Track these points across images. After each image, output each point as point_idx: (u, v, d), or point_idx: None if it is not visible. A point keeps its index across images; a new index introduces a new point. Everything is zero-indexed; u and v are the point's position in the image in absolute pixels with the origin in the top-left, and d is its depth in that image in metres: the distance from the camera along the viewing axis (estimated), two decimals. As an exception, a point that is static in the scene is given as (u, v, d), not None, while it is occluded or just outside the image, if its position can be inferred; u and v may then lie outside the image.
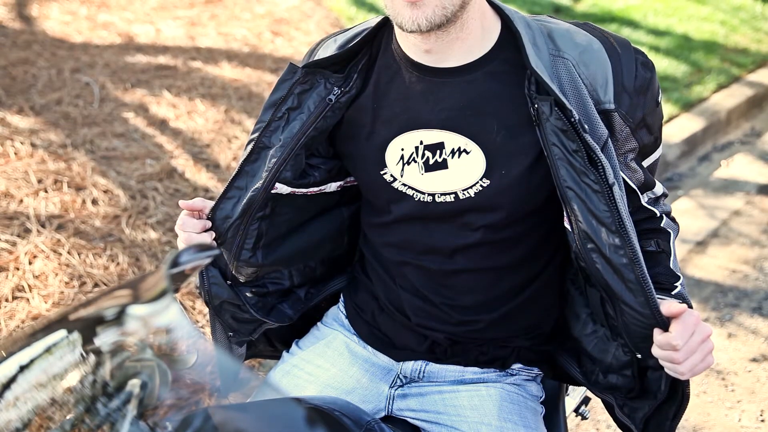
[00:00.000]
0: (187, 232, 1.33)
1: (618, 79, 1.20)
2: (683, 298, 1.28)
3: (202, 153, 3.58)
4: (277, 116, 1.31)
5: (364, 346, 1.47)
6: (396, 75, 1.30)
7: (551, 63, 1.20)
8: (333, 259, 1.54)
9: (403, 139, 1.29)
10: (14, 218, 2.91)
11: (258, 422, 0.99)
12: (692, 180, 4.30)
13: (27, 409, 0.81)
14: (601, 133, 1.19)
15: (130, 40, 4.83)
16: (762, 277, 3.37)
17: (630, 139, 1.24)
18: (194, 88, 4.20)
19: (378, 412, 1.42)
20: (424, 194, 1.30)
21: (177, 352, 0.86)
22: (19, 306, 2.54)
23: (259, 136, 1.32)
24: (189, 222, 1.34)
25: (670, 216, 1.37)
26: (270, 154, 1.31)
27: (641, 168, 1.29)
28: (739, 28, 6.34)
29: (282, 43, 5.00)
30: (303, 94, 1.30)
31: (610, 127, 1.21)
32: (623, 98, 1.21)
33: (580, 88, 1.20)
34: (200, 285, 1.41)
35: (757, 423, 2.54)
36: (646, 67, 1.24)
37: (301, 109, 1.30)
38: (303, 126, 1.30)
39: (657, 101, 1.26)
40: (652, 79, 1.24)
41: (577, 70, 1.20)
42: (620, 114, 1.21)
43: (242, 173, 1.33)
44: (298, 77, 1.30)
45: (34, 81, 4.10)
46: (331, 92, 1.30)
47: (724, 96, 5.12)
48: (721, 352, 2.89)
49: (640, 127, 1.24)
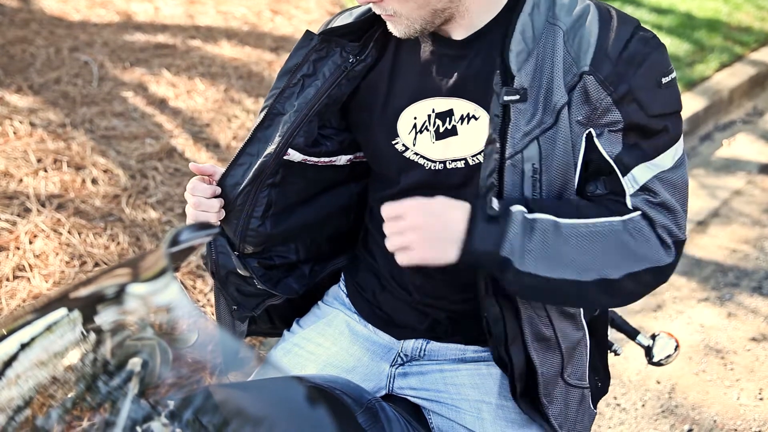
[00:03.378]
0: (197, 196, 1.32)
1: (602, 44, 1.17)
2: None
3: (201, 132, 3.57)
4: (292, 83, 1.31)
5: (364, 325, 1.47)
6: (414, 45, 1.31)
7: (543, 29, 1.19)
8: (338, 237, 1.54)
9: (415, 108, 1.30)
10: (14, 198, 2.91)
11: (259, 401, 0.99)
12: (694, 159, 4.29)
13: (28, 387, 0.82)
14: (556, 101, 1.16)
15: (128, 18, 4.79)
16: (762, 257, 3.37)
17: (611, 110, 1.17)
18: (193, 67, 4.17)
19: (379, 391, 1.43)
20: (435, 162, 1.30)
21: (178, 331, 0.86)
22: (20, 285, 2.54)
23: (273, 102, 1.32)
24: (199, 186, 1.33)
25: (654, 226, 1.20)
26: (283, 120, 1.31)
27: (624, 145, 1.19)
28: (742, 6, 6.29)
29: (281, 22, 4.96)
30: (318, 61, 1.31)
31: (585, 93, 1.17)
32: (604, 64, 1.16)
33: (559, 55, 1.17)
34: (207, 254, 1.41)
35: (756, 401, 2.56)
36: (646, 43, 1.19)
37: (316, 76, 1.31)
38: (318, 92, 1.30)
39: (657, 81, 1.19)
40: (651, 55, 1.18)
41: (565, 38, 1.18)
42: (597, 78, 1.16)
43: (254, 139, 1.33)
44: (314, 44, 1.31)
45: (33, 60, 4.07)
46: (347, 60, 1.31)
47: (726, 75, 5.09)
48: (721, 331, 2.90)
49: (628, 101, 1.17)
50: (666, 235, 1.20)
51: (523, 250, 1.14)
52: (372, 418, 1.27)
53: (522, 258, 1.14)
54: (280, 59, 4.36)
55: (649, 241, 1.19)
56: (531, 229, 1.15)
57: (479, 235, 1.14)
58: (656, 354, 1.84)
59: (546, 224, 1.15)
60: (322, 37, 1.30)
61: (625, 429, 2.46)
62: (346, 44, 1.31)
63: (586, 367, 1.39)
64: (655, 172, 1.20)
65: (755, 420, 2.48)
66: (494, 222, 1.14)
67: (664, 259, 1.20)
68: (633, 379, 2.65)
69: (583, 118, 1.18)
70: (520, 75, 1.17)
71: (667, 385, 2.63)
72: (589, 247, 1.16)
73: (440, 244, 1.14)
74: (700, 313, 3.00)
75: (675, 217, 1.21)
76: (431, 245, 1.14)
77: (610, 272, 1.17)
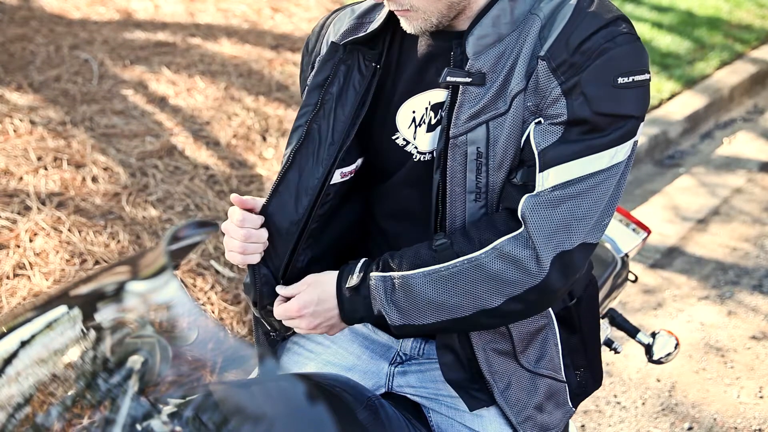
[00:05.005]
0: (246, 228, 1.24)
1: (565, 31, 1.13)
2: None
3: (201, 130, 3.57)
4: (326, 99, 1.27)
5: (363, 324, 1.47)
6: (414, 42, 1.30)
7: (523, 18, 1.18)
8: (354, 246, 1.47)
9: (414, 102, 1.29)
10: (14, 196, 2.91)
11: (259, 398, 0.99)
12: (694, 157, 4.29)
13: (28, 385, 0.82)
14: (512, 87, 1.15)
15: (128, 16, 4.79)
16: (762, 255, 3.37)
17: (559, 101, 1.12)
18: (194, 65, 4.17)
19: (378, 389, 1.43)
20: (425, 154, 1.29)
21: (177, 329, 0.86)
22: (21, 283, 2.54)
23: (311, 121, 1.27)
24: (249, 217, 1.25)
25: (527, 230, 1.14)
26: (325, 141, 1.27)
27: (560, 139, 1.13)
28: (743, 4, 6.28)
29: (282, 20, 4.96)
30: (348, 73, 1.28)
31: (536, 79, 1.14)
32: (559, 51, 1.13)
33: (528, 42, 1.15)
34: (250, 283, 1.33)
35: (756, 399, 2.56)
36: (612, 39, 1.11)
37: (347, 90, 1.28)
38: (353, 108, 1.27)
39: (612, 80, 1.11)
40: (613, 51, 1.11)
41: (542, 25, 1.16)
42: (549, 65, 1.13)
43: (294, 163, 1.27)
44: (340, 56, 1.28)
45: (33, 58, 4.07)
46: (370, 69, 1.29)
47: (727, 73, 5.09)
48: (721, 329, 2.90)
49: (576, 94, 1.11)
50: (546, 250, 1.13)
51: (390, 308, 1.21)
52: (372, 415, 1.27)
53: (394, 314, 1.21)
54: (281, 57, 4.36)
55: (522, 263, 1.14)
56: (392, 288, 1.21)
57: (348, 307, 1.24)
58: (656, 352, 1.84)
59: (404, 279, 1.20)
60: (348, 48, 1.28)
61: (626, 427, 2.46)
62: (366, 51, 1.28)
63: (557, 358, 1.35)
64: (574, 175, 1.13)
65: (755, 418, 2.48)
66: (355, 292, 1.23)
67: (541, 278, 1.14)
68: (633, 377, 2.65)
69: (533, 105, 1.15)
70: (478, 59, 1.16)
71: (668, 383, 2.63)
72: (454, 287, 1.17)
73: (324, 321, 1.27)
74: (700, 311, 3.00)
75: (568, 229, 1.14)
76: (317, 325, 1.27)
77: (487, 302, 1.16)
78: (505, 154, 1.17)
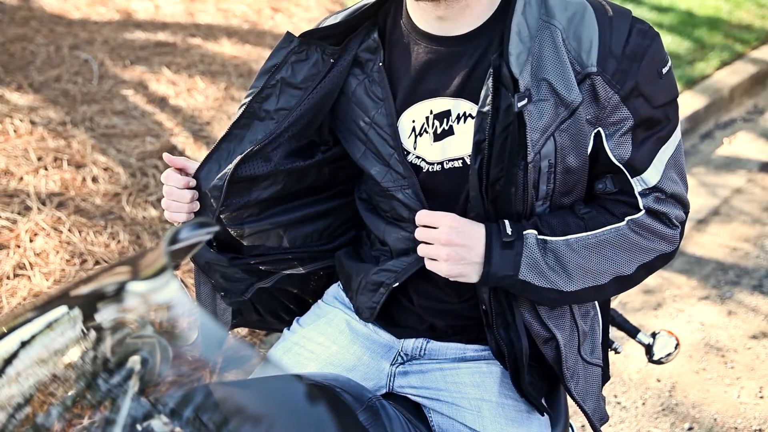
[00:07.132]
0: (170, 185, 1.34)
1: (604, 42, 1.18)
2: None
3: (202, 130, 3.57)
4: (270, 83, 1.32)
5: (365, 324, 1.47)
6: (406, 49, 1.30)
7: (537, 27, 1.19)
8: (326, 237, 1.52)
9: (413, 111, 1.29)
10: (14, 196, 2.91)
11: (259, 399, 0.99)
12: (694, 157, 4.29)
13: (29, 385, 0.82)
14: (572, 99, 1.17)
15: (128, 16, 4.79)
16: (762, 255, 3.37)
17: (620, 108, 1.20)
18: (194, 65, 4.17)
19: (379, 389, 1.43)
20: (433, 164, 1.29)
21: (178, 329, 0.86)
22: (21, 283, 2.54)
23: (251, 101, 1.33)
24: (172, 176, 1.34)
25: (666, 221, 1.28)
26: (259, 125, 1.32)
27: (633, 145, 1.23)
28: (743, 4, 6.28)
29: (282, 20, 4.96)
30: (297, 63, 1.31)
31: (593, 92, 1.18)
32: (609, 62, 1.18)
33: (562, 55, 1.18)
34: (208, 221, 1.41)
35: (756, 399, 2.56)
36: (644, 35, 1.20)
37: (295, 86, 1.31)
38: (299, 108, 1.31)
39: (659, 72, 1.21)
40: (651, 47, 1.20)
41: (563, 36, 1.18)
42: (604, 78, 1.18)
43: (230, 136, 1.34)
44: (293, 46, 1.31)
45: (33, 58, 4.07)
46: (326, 65, 1.30)
47: (727, 73, 5.09)
48: (721, 329, 2.90)
49: (634, 96, 1.20)
50: (672, 221, 1.28)
51: (540, 270, 1.22)
52: (373, 416, 1.27)
53: (540, 277, 1.22)
54: (281, 57, 4.36)
55: (656, 233, 1.27)
56: (544, 250, 1.22)
57: (497, 262, 1.21)
58: (656, 352, 1.84)
59: (557, 243, 1.23)
60: (302, 40, 1.30)
61: (626, 427, 2.46)
62: (326, 47, 1.30)
63: (599, 344, 1.42)
64: (662, 170, 1.25)
65: (755, 418, 2.48)
66: (509, 247, 1.21)
67: (672, 244, 1.29)
68: (633, 378, 2.65)
69: (592, 117, 1.20)
70: (523, 77, 1.17)
71: (668, 384, 2.63)
72: (601, 254, 1.24)
73: (464, 266, 1.22)
74: (700, 311, 3.00)
75: (681, 203, 1.30)
76: (456, 264, 1.22)
77: (624, 269, 1.26)
78: (571, 161, 1.23)
